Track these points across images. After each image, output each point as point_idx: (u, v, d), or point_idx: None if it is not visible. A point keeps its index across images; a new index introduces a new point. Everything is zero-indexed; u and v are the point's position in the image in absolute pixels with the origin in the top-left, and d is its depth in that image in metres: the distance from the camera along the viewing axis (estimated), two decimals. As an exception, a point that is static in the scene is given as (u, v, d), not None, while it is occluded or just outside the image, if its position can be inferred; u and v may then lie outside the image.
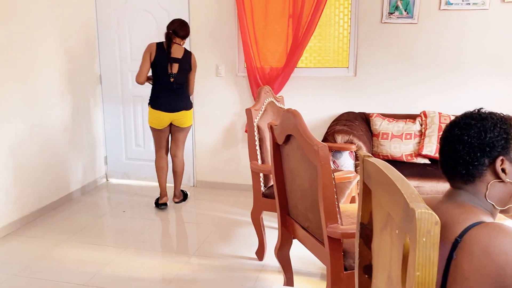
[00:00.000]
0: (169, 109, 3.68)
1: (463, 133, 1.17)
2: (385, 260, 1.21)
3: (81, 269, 2.88)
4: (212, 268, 2.92)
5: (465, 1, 3.63)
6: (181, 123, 3.77)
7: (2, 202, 3.36)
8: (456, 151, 1.18)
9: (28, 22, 3.54)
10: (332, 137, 3.31)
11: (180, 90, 3.71)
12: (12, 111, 3.42)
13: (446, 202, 1.20)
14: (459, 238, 1.06)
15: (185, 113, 3.75)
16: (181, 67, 3.66)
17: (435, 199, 1.24)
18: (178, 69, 3.65)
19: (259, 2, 3.96)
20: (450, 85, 3.81)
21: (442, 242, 1.04)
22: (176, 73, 3.65)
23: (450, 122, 1.24)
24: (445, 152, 1.21)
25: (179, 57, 3.65)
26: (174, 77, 3.65)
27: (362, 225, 1.41)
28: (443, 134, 1.23)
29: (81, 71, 4.22)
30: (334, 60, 4.06)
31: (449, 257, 1.06)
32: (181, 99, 3.72)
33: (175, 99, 3.69)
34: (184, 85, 3.75)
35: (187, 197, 4.14)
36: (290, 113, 2.08)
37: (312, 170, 2.00)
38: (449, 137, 1.20)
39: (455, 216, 1.12)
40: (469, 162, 1.16)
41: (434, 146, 3.45)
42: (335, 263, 1.97)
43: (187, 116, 3.77)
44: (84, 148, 4.31)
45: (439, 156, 1.25)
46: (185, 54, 3.70)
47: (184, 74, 3.72)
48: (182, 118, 3.75)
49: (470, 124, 1.18)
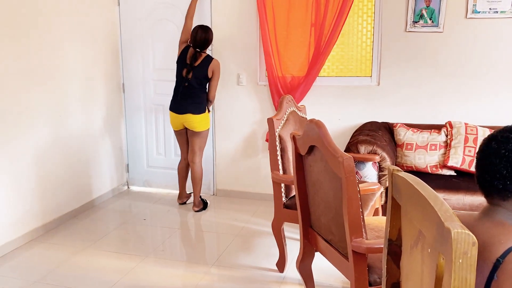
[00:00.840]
0: (177, 111, 3.81)
1: (500, 147, 1.13)
2: (415, 279, 1.16)
3: (102, 277, 2.88)
4: (232, 279, 2.89)
5: (492, 9, 3.55)
6: (191, 126, 3.82)
7: (25, 209, 3.40)
8: (493, 165, 1.14)
9: (53, 32, 3.60)
10: (355, 148, 3.26)
11: (192, 94, 3.78)
12: (37, 119, 3.47)
13: (483, 220, 1.15)
14: (500, 259, 1.01)
15: (192, 117, 3.78)
16: (194, 74, 3.74)
17: (470, 216, 1.19)
18: (192, 75, 3.74)
19: (281, 10, 3.94)
20: (476, 95, 3.72)
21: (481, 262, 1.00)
22: (190, 78, 3.74)
23: (488, 135, 1.20)
24: (482, 166, 1.17)
25: (195, 64, 3.73)
26: (187, 81, 3.75)
27: (390, 241, 1.36)
28: (480, 148, 1.19)
29: (104, 80, 4.26)
30: (357, 69, 4.01)
31: (489, 277, 1.02)
32: (190, 102, 3.78)
33: (184, 102, 3.78)
34: (198, 90, 3.80)
35: (206, 206, 4.12)
36: (314, 123, 2.04)
37: (336, 182, 1.95)
38: (486, 150, 1.16)
39: (495, 236, 1.07)
40: (507, 177, 1.12)
41: (460, 158, 3.36)
42: (360, 278, 1.92)
43: (195, 121, 3.79)
44: (106, 156, 4.34)
45: (476, 170, 1.21)
46: (203, 61, 3.75)
47: (199, 80, 3.76)
48: (191, 121, 3.79)
49: (508, 138, 1.14)
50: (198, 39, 3.74)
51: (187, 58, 3.77)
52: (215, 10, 4.19)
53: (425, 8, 3.67)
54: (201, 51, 3.78)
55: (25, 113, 3.37)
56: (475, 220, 1.16)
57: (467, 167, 3.36)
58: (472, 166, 3.35)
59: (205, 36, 3.75)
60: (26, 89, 3.36)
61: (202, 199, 4.11)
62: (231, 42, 4.19)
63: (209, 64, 3.75)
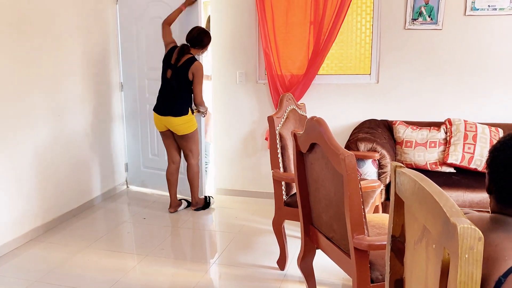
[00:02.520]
0: (159, 111, 3.72)
1: None
2: (420, 275, 1.16)
3: (102, 277, 2.88)
4: (232, 277, 2.89)
5: (491, 7, 3.55)
6: (174, 129, 3.72)
7: (24, 208, 3.39)
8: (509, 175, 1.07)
9: (53, 32, 3.59)
10: (355, 145, 3.26)
11: (173, 96, 3.68)
12: (36, 119, 3.46)
13: (494, 231, 1.06)
14: (502, 278, 0.95)
15: (173, 119, 3.66)
16: (176, 75, 3.63)
17: (481, 220, 1.11)
18: (173, 76, 3.64)
19: (280, 9, 3.94)
20: (476, 92, 3.72)
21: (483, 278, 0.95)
22: (171, 79, 3.65)
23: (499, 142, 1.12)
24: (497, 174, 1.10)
25: (178, 65, 3.61)
26: (169, 82, 3.67)
27: (394, 237, 1.36)
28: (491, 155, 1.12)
29: (103, 79, 4.25)
30: (356, 67, 4.01)
31: None
32: (171, 104, 3.68)
33: (165, 104, 3.70)
34: (180, 92, 3.68)
35: (209, 205, 4.05)
36: (315, 121, 2.04)
37: (337, 180, 1.95)
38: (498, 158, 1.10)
39: (502, 250, 1.00)
40: None
41: (460, 155, 3.37)
42: (362, 275, 1.92)
43: (177, 123, 3.67)
44: (105, 155, 4.34)
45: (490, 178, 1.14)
46: (186, 62, 3.61)
47: (180, 82, 3.64)
48: (172, 124, 3.69)
49: None
50: (193, 33, 3.66)
51: (172, 58, 3.65)
52: (213, 8, 4.18)
53: (424, 5, 3.68)
54: (190, 46, 3.65)
55: (25, 113, 3.36)
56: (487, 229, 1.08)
57: (466, 164, 3.36)
58: (471, 163, 3.36)
59: (201, 35, 3.67)
60: (25, 89, 3.35)
61: (205, 197, 4.07)
62: (230, 40, 4.18)
63: (190, 66, 3.60)
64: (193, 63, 3.61)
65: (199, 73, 3.62)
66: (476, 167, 3.36)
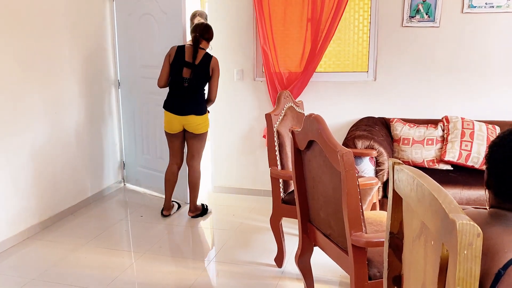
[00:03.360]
0: (179, 111, 3.56)
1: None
2: (418, 271, 1.16)
3: (100, 274, 2.87)
4: (230, 275, 2.89)
5: (488, 4, 3.56)
6: (193, 128, 3.60)
7: (21, 206, 3.38)
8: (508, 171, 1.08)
9: (49, 29, 3.57)
10: (352, 143, 3.26)
11: (193, 95, 3.57)
12: (33, 116, 3.45)
13: (492, 225, 1.08)
14: (502, 271, 0.95)
15: (194, 118, 3.56)
16: (195, 73, 3.53)
17: (479, 215, 1.13)
18: (192, 75, 3.53)
19: (277, 6, 3.93)
20: (473, 89, 3.73)
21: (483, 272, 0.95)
22: (190, 78, 3.53)
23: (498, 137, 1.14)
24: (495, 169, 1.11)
25: (196, 63, 3.53)
26: (187, 81, 3.54)
27: (392, 234, 1.36)
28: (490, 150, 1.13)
29: (100, 77, 4.24)
30: (353, 64, 4.01)
31: None
32: (192, 103, 3.57)
33: (186, 103, 3.56)
34: (199, 91, 3.60)
35: (206, 212, 3.88)
36: (313, 118, 2.04)
37: (335, 177, 1.95)
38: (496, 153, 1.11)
39: (501, 243, 1.01)
40: None
41: (457, 152, 3.37)
42: (359, 272, 1.92)
43: (198, 122, 3.58)
44: (102, 153, 4.32)
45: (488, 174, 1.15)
46: (204, 59, 3.55)
47: (199, 80, 3.56)
48: (192, 123, 3.58)
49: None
50: (200, 25, 3.61)
51: (185, 56, 3.54)
52: (211, 6, 4.17)
53: (422, 3, 3.68)
54: (208, 41, 3.62)
55: (22, 111, 3.34)
56: (485, 224, 1.10)
57: (463, 161, 3.37)
58: (468, 160, 3.36)
59: (208, 27, 3.63)
60: (22, 86, 3.34)
61: (202, 205, 3.91)
62: (227, 38, 4.18)
63: (210, 62, 3.56)
64: (212, 59, 3.58)
65: (218, 67, 3.61)
66: (473, 164, 3.37)
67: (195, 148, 3.69)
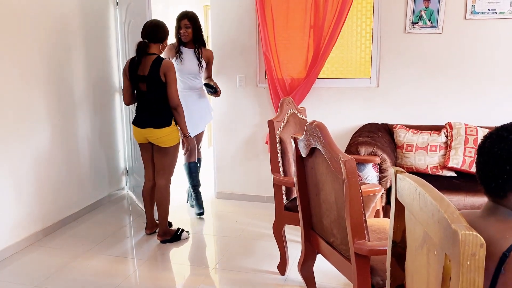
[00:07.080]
0: (139, 124, 3.32)
1: (493, 146, 1.13)
2: (421, 281, 1.15)
3: (102, 281, 2.87)
4: (233, 282, 2.88)
5: (491, 10, 3.55)
6: (156, 141, 3.31)
7: (24, 213, 3.38)
8: (487, 164, 1.14)
9: (52, 35, 3.59)
10: (355, 149, 3.25)
11: (153, 107, 3.28)
12: (36, 123, 3.46)
13: (486, 218, 1.14)
14: (507, 253, 1.00)
15: (155, 131, 3.26)
16: (148, 85, 3.22)
17: (473, 214, 1.19)
18: (149, 88, 3.22)
19: (280, 13, 3.94)
20: (476, 95, 3.72)
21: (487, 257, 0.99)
22: (146, 91, 3.25)
23: (486, 133, 1.20)
24: (478, 165, 1.18)
25: (145, 74, 3.20)
26: (146, 95, 3.27)
27: (394, 243, 1.36)
28: (478, 145, 1.19)
29: (103, 83, 4.25)
30: (356, 70, 4.00)
31: (496, 271, 1.02)
32: (153, 116, 3.28)
33: (146, 116, 3.30)
34: (159, 103, 3.26)
35: (179, 238, 3.47)
36: (315, 125, 2.04)
37: (338, 184, 1.94)
38: (482, 149, 1.17)
39: (500, 232, 1.06)
40: (498, 176, 1.12)
41: (461, 159, 3.36)
42: (362, 280, 1.90)
43: (159, 135, 3.27)
44: (105, 159, 4.33)
45: (476, 169, 1.21)
46: (153, 67, 3.18)
47: (154, 92, 3.23)
48: (153, 135, 3.28)
49: (502, 137, 1.13)
50: (147, 26, 3.27)
51: (137, 69, 3.23)
52: (213, 12, 4.19)
53: (424, 9, 3.68)
54: (160, 42, 3.27)
55: (25, 117, 3.35)
56: (479, 217, 1.16)
57: (467, 168, 3.35)
58: (472, 167, 3.35)
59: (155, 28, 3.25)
60: (25, 93, 3.35)
61: (178, 229, 3.53)
62: (230, 44, 4.18)
63: (159, 68, 3.16)
64: (162, 63, 3.18)
65: (171, 71, 3.18)
66: (477, 171, 3.35)
67: (160, 163, 3.39)
